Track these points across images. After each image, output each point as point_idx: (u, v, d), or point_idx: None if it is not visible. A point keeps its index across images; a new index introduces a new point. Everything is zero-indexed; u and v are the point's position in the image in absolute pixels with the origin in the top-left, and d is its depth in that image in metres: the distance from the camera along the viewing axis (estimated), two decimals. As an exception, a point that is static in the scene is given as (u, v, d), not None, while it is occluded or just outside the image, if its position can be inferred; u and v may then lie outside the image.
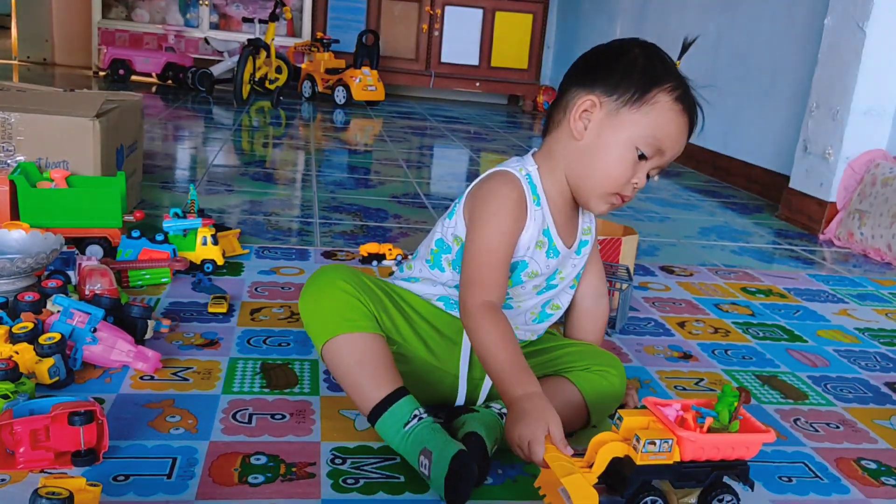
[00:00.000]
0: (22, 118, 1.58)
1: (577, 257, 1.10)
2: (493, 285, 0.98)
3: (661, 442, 0.84)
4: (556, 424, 0.87)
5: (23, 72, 4.93)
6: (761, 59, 3.16)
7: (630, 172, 0.99)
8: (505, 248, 1.00)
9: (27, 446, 0.88)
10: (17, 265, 1.20)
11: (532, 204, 1.02)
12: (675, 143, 1.00)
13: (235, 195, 2.30)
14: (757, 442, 0.87)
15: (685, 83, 1.03)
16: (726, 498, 0.88)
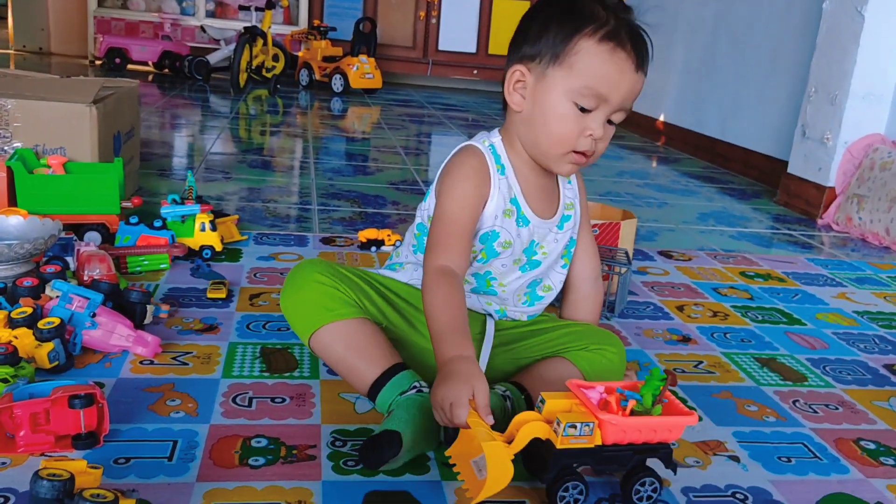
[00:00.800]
0: (19, 104, 1.57)
1: (560, 232, 1.09)
2: (450, 250, 0.98)
3: (581, 425, 0.82)
4: (482, 391, 0.85)
5: (18, 61, 4.91)
6: (759, 44, 3.15)
7: (575, 128, 0.96)
8: (466, 215, 1.00)
9: (27, 429, 0.88)
10: (15, 251, 1.20)
11: (496, 173, 1.02)
12: (615, 84, 0.94)
13: (233, 182, 2.29)
14: (679, 425, 0.86)
15: (616, 17, 0.95)
16: (648, 481, 0.87)
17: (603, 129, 0.97)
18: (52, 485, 0.72)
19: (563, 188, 1.10)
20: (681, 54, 3.79)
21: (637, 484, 0.87)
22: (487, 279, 1.07)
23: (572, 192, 1.11)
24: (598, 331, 1.12)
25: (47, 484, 0.72)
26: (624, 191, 2.70)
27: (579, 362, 1.05)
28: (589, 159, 1.00)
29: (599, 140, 0.98)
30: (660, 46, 4.12)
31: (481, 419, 0.83)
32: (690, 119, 3.66)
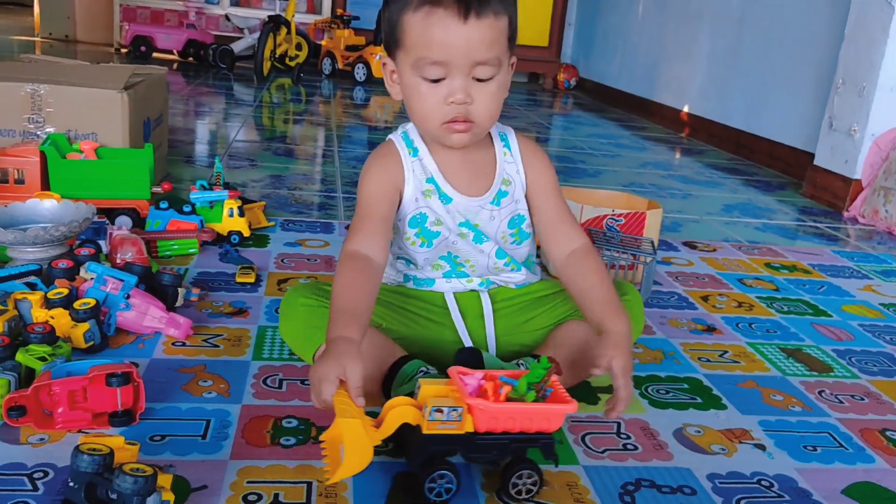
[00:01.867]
0: (52, 90, 1.59)
1: (496, 208, 1.05)
2: (361, 234, 0.99)
3: (448, 410, 0.78)
4: (354, 371, 0.81)
5: (45, 48, 4.96)
6: (786, 35, 3.13)
7: (433, 101, 0.94)
8: (375, 200, 1.02)
9: (65, 406, 0.90)
10: (50, 233, 1.22)
11: (408, 157, 1.04)
12: (444, 45, 0.91)
13: (258, 170, 2.32)
14: (556, 413, 0.82)
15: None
16: (526, 473, 0.83)
17: (465, 91, 0.93)
18: (92, 459, 0.74)
19: (503, 163, 1.06)
20: (706, 44, 3.76)
21: (514, 476, 0.83)
22: (454, 259, 1.08)
23: (514, 168, 1.07)
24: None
25: (88, 458, 0.74)
26: (647, 182, 2.69)
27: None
28: (472, 124, 0.96)
29: (471, 103, 0.94)
30: (684, 36, 4.09)
31: (350, 400, 0.80)
32: (715, 110, 3.63)
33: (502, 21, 0.93)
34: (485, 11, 0.90)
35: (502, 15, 0.93)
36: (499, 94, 0.97)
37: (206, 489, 0.82)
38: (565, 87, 5.45)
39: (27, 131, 1.60)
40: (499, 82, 0.95)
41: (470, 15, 0.89)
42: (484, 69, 0.93)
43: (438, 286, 1.11)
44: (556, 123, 4.12)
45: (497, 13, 0.91)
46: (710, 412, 1.09)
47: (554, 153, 3.19)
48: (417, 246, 1.06)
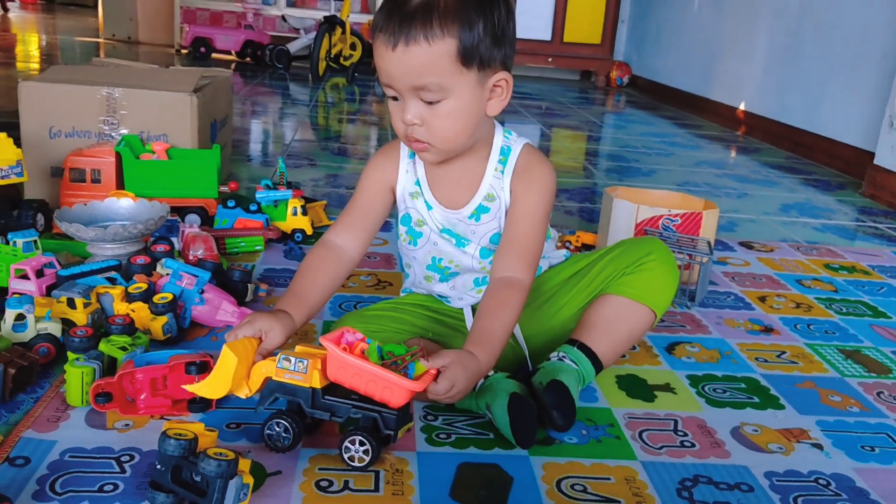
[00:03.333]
0: (126, 93, 1.67)
1: (476, 223, 1.05)
2: (339, 225, 1.07)
3: (296, 360, 0.86)
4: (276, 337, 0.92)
5: (108, 49, 5.13)
6: (847, 31, 3.07)
7: (395, 115, 0.96)
8: (362, 193, 1.08)
9: (148, 393, 0.95)
10: (128, 230, 1.28)
11: (406, 157, 1.07)
12: (383, 70, 0.93)
13: (317, 169, 2.37)
14: (398, 385, 0.84)
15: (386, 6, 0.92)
16: (360, 440, 0.86)
17: (413, 112, 0.93)
18: (178, 443, 0.79)
19: (490, 177, 1.04)
20: (763, 40, 3.71)
21: (348, 440, 0.87)
22: (439, 264, 1.10)
23: (501, 183, 1.04)
24: (629, 245, 1.13)
25: (174, 442, 0.79)
26: (702, 181, 2.68)
27: (625, 290, 1.08)
28: (426, 145, 0.96)
29: (420, 125, 0.94)
30: (741, 31, 4.03)
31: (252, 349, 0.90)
32: (772, 108, 3.59)
33: (441, 44, 0.89)
34: (413, 38, 0.88)
35: (442, 38, 0.89)
36: (453, 117, 0.94)
37: (280, 475, 0.86)
38: (618, 84, 5.42)
39: (102, 133, 1.68)
40: (451, 106, 0.93)
41: (398, 43, 0.89)
42: (426, 94, 0.92)
43: (454, 303, 1.13)
44: (609, 122, 4.11)
45: (432, 38, 0.88)
46: (768, 412, 1.10)
47: (606, 152, 3.20)
48: (407, 244, 1.11)
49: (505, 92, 0.97)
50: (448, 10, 0.89)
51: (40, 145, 1.65)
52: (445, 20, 0.89)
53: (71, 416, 0.94)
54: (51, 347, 1.06)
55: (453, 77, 0.91)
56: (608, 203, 1.59)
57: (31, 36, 5.91)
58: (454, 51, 0.90)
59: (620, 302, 1.08)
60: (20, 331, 1.06)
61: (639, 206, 1.54)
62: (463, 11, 0.90)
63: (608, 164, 2.90)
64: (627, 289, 1.08)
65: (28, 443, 0.89)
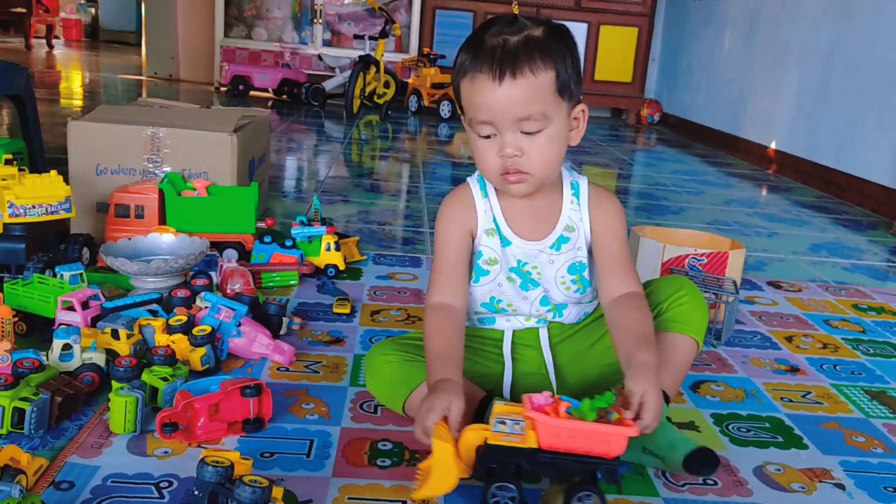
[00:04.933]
0: (169, 132, 1.74)
1: (556, 253, 1.09)
2: (442, 286, 1.07)
3: (511, 422, 0.83)
4: (458, 406, 0.90)
5: (150, 87, 5.29)
6: (877, 70, 3.08)
7: (488, 155, 1.01)
8: (451, 251, 1.08)
9: (206, 419, 1.00)
10: (170, 265, 1.34)
11: (481, 198, 1.09)
12: (485, 107, 0.97)
13: (350, 205, 2.43)
14: (616, 435, 0.83)
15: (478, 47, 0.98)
16: (589, 496, 0.85)
17: (513, 145, 0.98)
18: (216, 470, 0.83)
19: (567, 209, 1.09)
20: (794, 79, 3.73)
21: (575, 498, 0.85)
22: (496, 304, 1.11)
23: (579, 214, 1.10)
24: (657, 285, 1.14)
25: (212, 469, 0.83)
26: (732, 219, 2.69)
27: (670, 325, 1.09)
28: (526, 175, 1.00)
29: (521, 156, 0.99)
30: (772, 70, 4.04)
31: (444, 426, 0.87)
32: (803, 146, 3.59)
33: (544, 76, 0.97)
34: (521, 71, 0.96)
35: (545, 70, 0.97)
36: (550, 145, 1.00)
37: (311, 503, 0.89)
38: (648, 122, 5.46)
39: (146, 170, 1.75)
40: (549, 134, 0.99)
41: (504, 78, 0.96)
42: (529, 124, 0.98)
43: (499, 324, 1.15)
44: (639, 159, 4.13)
45: (537, 70, 0.96)
46: (791, 451, 1.11)
47: (636, 189, 3.22)
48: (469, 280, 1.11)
49: (582, 123, 1.05)
50: (545, 46, 0.97)
51: (87, 182, 1.73)
52: (545, 54, 0.97)
53: (113, 443, 0.99)
54: (95, 377, 1.11)
55: (553, 106, 0.98)
56: (635, 242, 1.62)
57: (76, 73, 6.11)
58: (554, 81, 0.97)
59: (669, 337, 1.10)
60: (66, 360, 1.11)
61: (665, 245, 1.57)
62: (556, 48, 0.98)
63: (637, 201, 2.93)
64: (673, 324, 1.10)
65: (72, 468, 0.93)
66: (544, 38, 0.98)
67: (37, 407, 0.98)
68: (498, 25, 0.99)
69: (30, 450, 0.95)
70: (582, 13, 5.34)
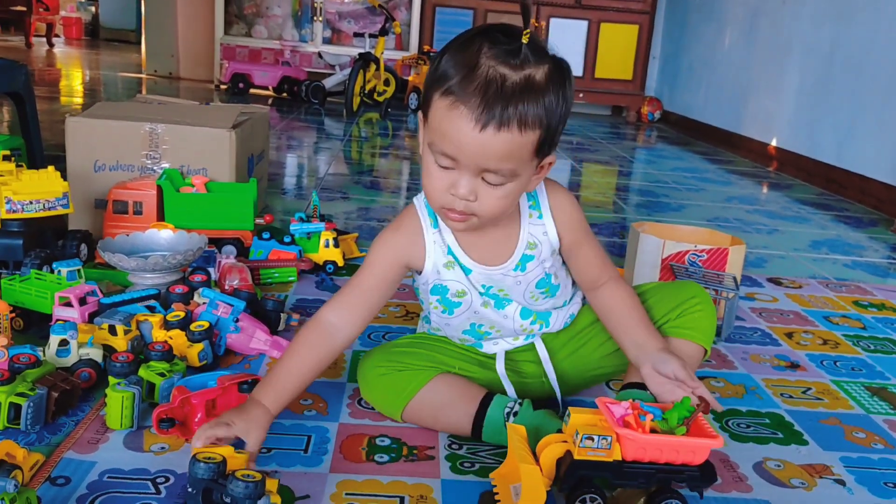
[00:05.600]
0: (168, 129, 1.74)
1: (521, 273, 1.04)
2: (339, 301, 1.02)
3: (598, 438, 0.83)
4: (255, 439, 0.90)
5: (150, 85, 5.28)
6: (878, 68, 3.07)
7: (439, 185, 0.91)
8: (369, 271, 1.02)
9: (203, 415, 0.99)
10: (168, 261, 1.33)
11: (430, 227, 1.02)
12: (456, 144, 0.86)
13: (349, 202, 2.43)
14: (703, 447, 0.84)
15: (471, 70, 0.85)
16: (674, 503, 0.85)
17: (468, 189, 0.89)
18: (208, 466, 0.82)
19: (527, 227, 1.03)
20: (795, 76, 3.72)
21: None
22: (478, 329, 1.09)
23: (542, 229, 1.03)
24: (669, 290, 1.12)
25: (204, 466, 0.82)
26: (732, 216, 2.68)
27: (682, 332, 1.08)
28: (469, 216, 0.93)
29: (474, 201, 0.90)
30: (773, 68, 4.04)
31: (524, 443, 0.87)
32: (804, 144, 3.58)
33: (529, 134, 0.87)
34: (508, 126, 0.85)
35: (532, 129, 0.86)
36: (507, 198, 0.92)
37: (308, 498, 0.89)
38: (649, 119, 5.45)
39: (145, 167, 1.75)
40: (509, 189, 0.91)
41: (490, 124, 0.84)
42: (493, 177, 0.89)
43: (487, 348, 1.13)
44: (640, 157, 4.13)
45: (524, 126, 0.86)
46: (791, 447, 1.10)
47: (637, 187, 3.21)
48: (440, 312, 1.07)
49: (545, 171, 0.97)
50: (542, 96, 0.87)
51: (85, 178, 1.72)
52: (538, 108, 0.86)
53: (110, 439, 0.98)
54: (92, 372, 1.10)
55: (524, 165, 0.90)
56: (634, 238, 1.61)
57: (76, 71, 6.11)
58: (536, 141, 0.88)
59: (679, 344, 1.08)
60: (63, 356, 1.11)
61: (665, 241, 1.56)
62: (552, 98, 0.88)
63: (638, 199, 2.92)
64: (684, 330, 1.08)
65: (69, 463, 0.92)
66: (544, 85, 0.87)
67: (33, 402, 0.98)
68: (499, 47, 0.86)
69: (26, 445, 0.94)
70: (582, 10, 5.33)
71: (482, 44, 0.87)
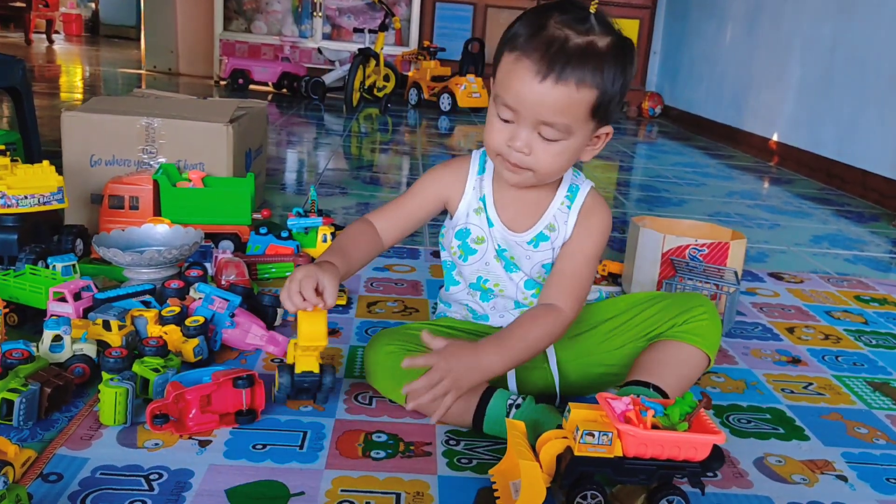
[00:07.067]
0: (164, 123, 1.72)
1: (533, 249, 1.08)
2: (383, 214, 1.11)
3: (599, 434, 0.82)
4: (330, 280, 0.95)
5: (149, 80, 5.27)
6: (879, 63, 3.06)
7: (497, 136, 0.97)
8: (413, 198, 1.10)
9: (197, 411, 0.98)
10: (164, 256, 1.32)
11: (475, 174, 1.09)
12: (517, 94, 0.93)
13: (348, 197, 2.42)
14: (705, 443, 0.84)
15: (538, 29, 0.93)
16: (675, 500, 0.85)
17: (525, 142, 0.95)
18: None
19: (555, 208, 1.07)
20: (796, 71, 3.71)
21: (664, 500, 0.86)
22: (483, 285, 1.12)
23: (565, 217, 1.07)
24: (676, 298, 1.12)
25: None
26: (734, 211, 2.67)
27: (689, 338, 1.07)
28: (523, 171, 0.98)
29: (528, 154, 0.96)
30: (774, 63, 4.02)
31: (524, 439, 0.87)
32: (805, 139, 3.57)
33: (586, 93, 0.92)
34: (566, 78, 0.91)
35: (589, 87, 0.92)
36: (562, 156, 0.97)
37: (303, 495, 0.88)
38: (650, 115, 5.43)
39: (141, 161, 1.74)
40: (564, 146, 0.96)
41: (549, 77, 0.91)
42: (549, 130, 0.94)
43: (493, 321, 1.14)
44: (641, 152, 4.11)
45: (581, 84, 0.91)
46: (793, 443, 1.09)
47: (638, 182, 3.20)
48: (458, 257, 1.12)
49: (601, 143, 1.01)
50: (602, 62, 0.92)
51: (81, 173, 1.71)
52: (597, 71, 0.92)
53: (103, 435, 0.97)
54: (86, 368, 1.09)
55: (580, 124, 0.95)
56: (635, 232, 1.60)
57: (75, 67, 6.10)
58: (593, 101, 0.93)
59: (684, 348, 1.07)
60: (57, 351, 1.09)
61: (665, 235, 1.55)
62: (613, 68, 0.93)
63: (639, 194, 2.91)
64: (691, 336, 1.08)
65: (61, 460, 0.91)
66: (606, 53, 0.92)
67: (25, 398, 0.97)
68: (569, 14, 0.93)
69: (18, 442, 0.93)
70: (583, 6, 5.30)
71: (554, 12, 0.94)
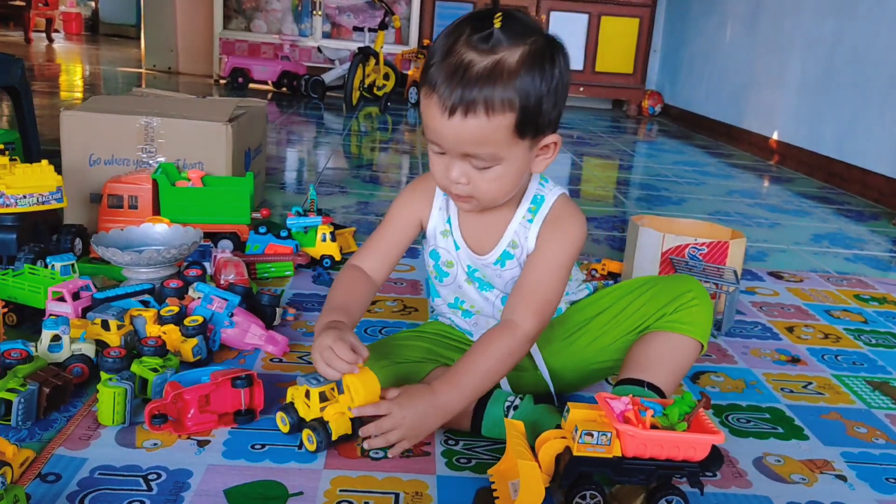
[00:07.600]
0: (164, 122, 1.72)
1: (500, 268, 1.05)
2: (365, 252, 1.09)
3: (598, 434, 0.82)
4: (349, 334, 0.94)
5: (149, 79, 5.27)
6: (880, 61, 3.05)
7: (438, 167, 0.95)
8: (391, 225, 1.09)
9: (196, 410, 0.98)
10: (163, 255, 1.32)
11: (440, 194, 1.07)
12: (433, 130, 0.90)
13: (347, 196, 2.41)
14: (704, 443, 0.83)
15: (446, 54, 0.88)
16: (674, 500, 0.85)
17: (459, 172, 0.92)
18: None
19: (516, 225, 1.03)
20: (797, 70, 3.70)
21: (663, 500, 0.86)
22: (460, 306, 1.12)
23: (526, 231, 1.03)
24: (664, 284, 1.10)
25: None
26: (734, 210, 2.66)
27: (677, 327, 1.05)
28: (470, 198, 0.95)
29: (466, 184, 0.93)
30: (774, 62, 4.01)
31: (523, 439, 0.87)
32: (806, 137, 3.56)
33: (500, 119, 0.87)
34: (475, 109, 0.86)
35: (502, 112, 0.87)
36: (501, 180, 0.93)
37: (302, 495, 0.88)
38: (650, 113, 5.43)
39: (140, 160, 1.73)
40: (499, 172, 0.92)
41: (456, 111, 0.86)
42: (476, 161, 0.91)
43: (476, 337, 1.11)
44: (640, 150, 4.11)
45: (492, 112, 0.86)
46: (792, 442, 1.09)
47: (637, 180, 3.20)
48: (434, 277, 1.12)
49: (552, 152, 0.96)
50: (512, 79, 0.86)
51: (80, 172, 1.71)
52: (508, 92, 0.86)
53: (102, 435, 0.97)
54: (84, 368, 1.09)
55: (507, 148, 0.90)
56: (634, 231, 1.60)
57: (75, 66, 6.09)
58: (512, 124, 0.88)
59: (675, 338, 1.06)
60: (56, 351, 1.09)
61: (664, 234, 1.55)
62: (528, 80, 0.87)
63: (638, 192, 2.91)
64: (680, 325, 1.06)
65: (60, 460, 0.91)
66: (517, 67, 0.86)
67: (24, 398, 0.96)
68: (474, 34, 0.87)
69: (16, 442, 0.93)
70: (583, 4, 5.30)
71: (465, 29, 0.89)
